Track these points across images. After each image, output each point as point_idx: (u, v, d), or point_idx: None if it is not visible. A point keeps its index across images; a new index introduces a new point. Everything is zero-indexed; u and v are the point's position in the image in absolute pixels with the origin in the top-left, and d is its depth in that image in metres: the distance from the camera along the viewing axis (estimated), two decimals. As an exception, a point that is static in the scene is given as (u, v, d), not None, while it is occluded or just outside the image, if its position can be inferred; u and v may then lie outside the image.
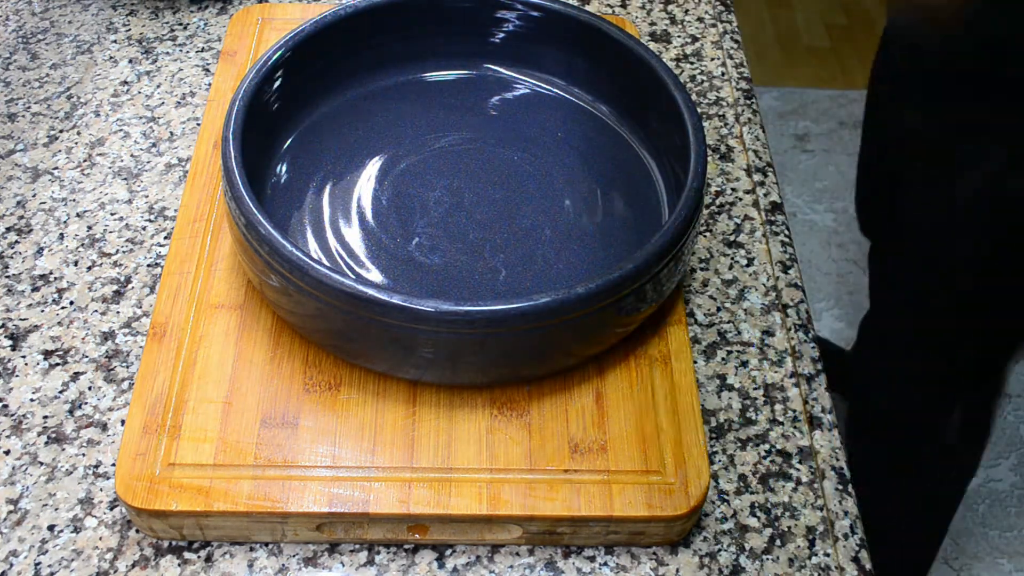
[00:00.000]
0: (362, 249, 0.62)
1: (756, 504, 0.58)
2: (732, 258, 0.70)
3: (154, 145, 0.74)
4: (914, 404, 1.01)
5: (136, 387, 0.56)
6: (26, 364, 0.61)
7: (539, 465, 0.54)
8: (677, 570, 0.55)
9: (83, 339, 0.62)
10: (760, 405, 0.62)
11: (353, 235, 0.62)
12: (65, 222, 0.69)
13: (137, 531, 0.55)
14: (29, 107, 0.76)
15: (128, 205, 0.70)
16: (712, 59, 0.84)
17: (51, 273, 0.66)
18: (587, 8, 0.84)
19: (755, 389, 0.63)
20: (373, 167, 0.66)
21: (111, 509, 0.56)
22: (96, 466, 0.57)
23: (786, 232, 0.72)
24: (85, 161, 0.72)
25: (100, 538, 0.55)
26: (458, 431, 0.56)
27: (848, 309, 1.74)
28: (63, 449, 0.58)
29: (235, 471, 0.53)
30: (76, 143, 0.74)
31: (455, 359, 0.55)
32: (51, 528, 0.55)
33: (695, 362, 0.64)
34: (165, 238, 0.68)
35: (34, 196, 0.70)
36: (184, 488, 0.52)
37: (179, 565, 0.54)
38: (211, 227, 0.64)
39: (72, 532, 0.55)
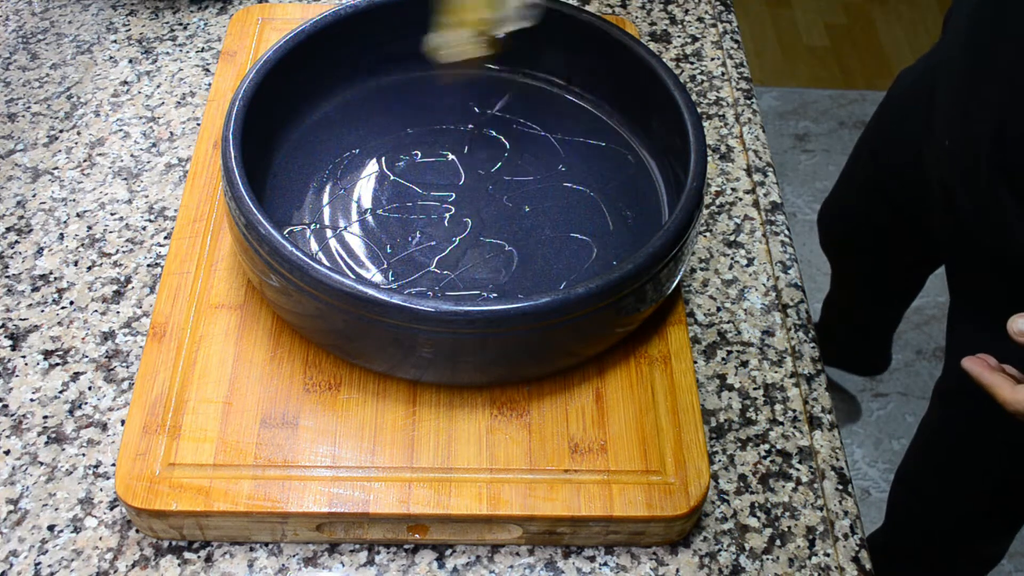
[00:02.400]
0: (362, 249, 0.62)
1: (756, 504, 0.58)
2: (732, 258, 0.70)
3: (154, 145, 0.74)
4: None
5: (136, 387, 0.56)
6: (26, 364, 0.61)
7: (539, 465, 0.54)
8: (677, 570, 0.55)
9: (83, 339, 0.62)
10: (760, 405, 0.62)
11: (353, 235, 0.62)
12: (65, 222, 0.69)
13: (137, 531, 0.55)
14: (29, 107, 0.76)
15: (128, 205, 0.70)
16: (712, 59, 0.83)
17: (51, 273, 0.66)
18: (587, 8, 0.84)
19: (755, 389, 0.63)
20: (373, 167, 0.66)
21: (111, 509, 0.56)
22: (96, 466, 0.57)
23: (786, 232, 0.72)
24: (85, 161, 0.72)
25: (100, 538, 0.55)
26: (458, 431, 0.55)
27: (848, 309, 1.74)
28: (63, 449, 0.58)
29: (235, 471, 0.53)
30: (76, 143, 0.74)
31: (455, 359, 0.55)
32: (51, 528, 0.55)
33: (695, 362, 0.64)
34: (165, 238, 0.68)
35: (34, 196, 0.70)
36: (184, 488, 0.52)
37: (179, 565, 0.54)
38: (211, 227, 0.64)
39: (72, 532, 0.55)
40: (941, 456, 0.93)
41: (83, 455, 0.58)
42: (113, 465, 0.57)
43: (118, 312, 0.64)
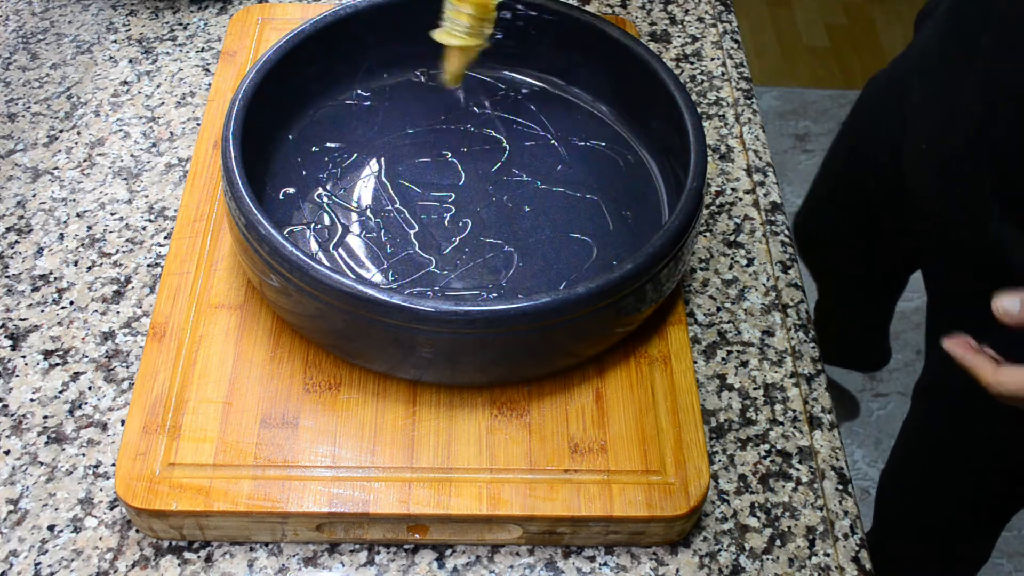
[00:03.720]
0: (362, 249, 0.62)
1: (756, 504, 0.58)
2: (732, 258, 0.70)
3: (154, 145, 0.74)
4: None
5: (136, 387, 0.56)
6: (26, 364, 0.61)
7: (539, 465, 0.54)
8: (677, 570, 0.55)
9: (83, 339, 0.62)
10: (760, 405, 0.62)
11: (353, 235, 0.62)
12: (65, 222, 0.69)
13: (137, 531, 0.55)
14: (29, 107, 0.76)
15: (128, 205, 0.70)
16: (712, 59, 0.83)
17: (51, 273, 0.66)
18: (587, 8, 0.84)
19: (755, 389, 0.63)
20: (373, 167, 0.66)
21: (111, 509, 0.56)
22: (96, 466, 0.57)
23: (786, 232, 0.72)
24: (85, 161, 0.72)
25: (100, 538, 0.55)
26: (458, 431, 0.55)
27: (848, 309, 1.73)
28: (63, 449, 0.58)
29: (235, 471, 0.53)
30: (76, 143, 0.74)
31: (455, 359, 0.55)
32: (51, 528, 0.55)
33: (695, 362, 0.64)
34: (165, 238, 0.68)
35: (34, 196, 0.70)
36: (184, 488, 0.52)
37: (179, 565, 0.54)
38: (211, 227, 0.64)
39: (72, 532, 0.55)
40: (923, 453, 0.94)
41: (83, 455, 0.58)
42: (113, 465, 0.57)
43: (118, 312, 0.64)
